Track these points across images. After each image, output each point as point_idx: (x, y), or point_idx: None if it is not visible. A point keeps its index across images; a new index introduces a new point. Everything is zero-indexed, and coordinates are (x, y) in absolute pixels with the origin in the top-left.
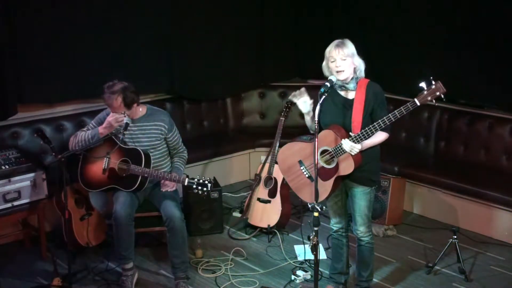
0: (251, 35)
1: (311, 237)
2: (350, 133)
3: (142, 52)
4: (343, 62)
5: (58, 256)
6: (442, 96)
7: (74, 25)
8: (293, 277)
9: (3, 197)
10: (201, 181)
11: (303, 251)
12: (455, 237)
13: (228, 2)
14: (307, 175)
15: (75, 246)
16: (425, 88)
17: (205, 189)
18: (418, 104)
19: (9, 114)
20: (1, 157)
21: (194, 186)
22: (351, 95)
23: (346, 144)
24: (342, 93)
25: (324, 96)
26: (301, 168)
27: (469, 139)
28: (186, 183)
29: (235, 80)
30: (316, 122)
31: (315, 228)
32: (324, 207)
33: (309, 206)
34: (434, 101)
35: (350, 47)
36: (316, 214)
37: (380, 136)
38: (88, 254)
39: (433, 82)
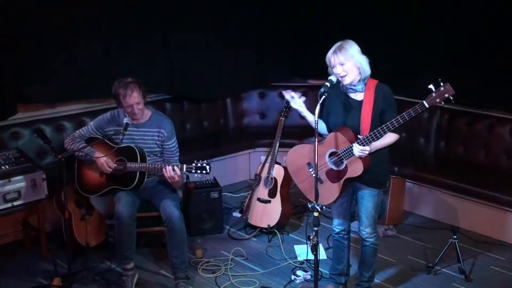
0: (251, 35)
1: (311, 237)
2: (359, 135)
3: (142, 52)
4: (343, 66)
5: (58, 256)
6: (451, 98)
7: (74, 25)
8: (293, 277)
9: (3, 197)
10: (199, 164)
11: (303, 251)
12: (455, 237)
13: (228, 2)
14: None
15: (75, 246)
16: (434, 90)
17: (204, 172)
18: (427, 106)
19: (9, 114)
20: (1, 157)
21: (193, 171)
22: (360, 96)
23: (356, 148)
24: (352, 94)
25: (324, 96)
26: (310, 170)
27: (469, 139)
28: (184, 169)
29: (235, 80)
30: (316, 122)
31: (315, 228)
32: (324, 207)
33: (309, 206)
34: (442, 103)
35: (348, 50)
36: (316, 214)
37: (389, 138)
38: (88, 254)
39: (442, 84)
